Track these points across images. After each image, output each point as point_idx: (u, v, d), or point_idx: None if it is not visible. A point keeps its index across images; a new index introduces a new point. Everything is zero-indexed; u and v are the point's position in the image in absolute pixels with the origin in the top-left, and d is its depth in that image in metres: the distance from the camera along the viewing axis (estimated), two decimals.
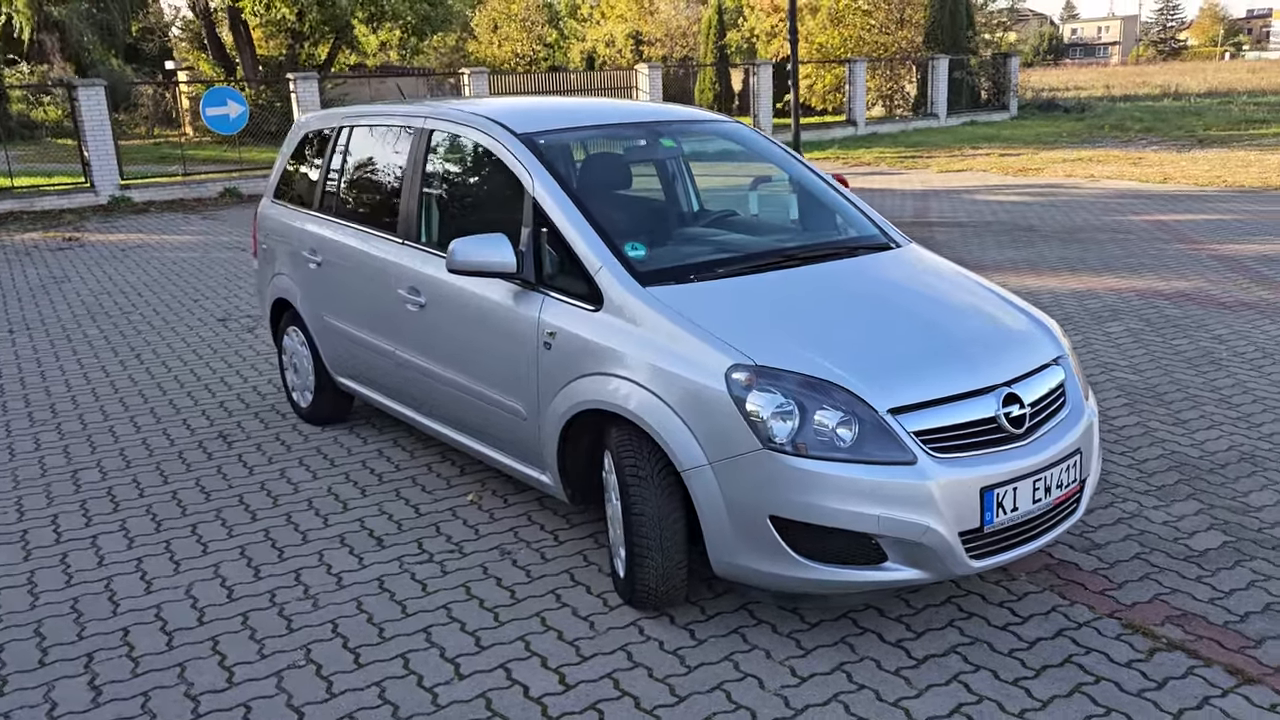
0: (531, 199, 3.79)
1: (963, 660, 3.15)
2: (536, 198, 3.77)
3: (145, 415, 5.75)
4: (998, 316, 3.62)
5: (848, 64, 25.34)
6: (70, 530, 4.27)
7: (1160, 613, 3.38)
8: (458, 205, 4.39)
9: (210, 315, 8.25)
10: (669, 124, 4.60)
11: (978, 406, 3.17)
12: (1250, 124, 24.20)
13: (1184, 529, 3.98)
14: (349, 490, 4.60)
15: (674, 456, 3.16)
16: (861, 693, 3.00)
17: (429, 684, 3.11)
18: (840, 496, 2.96)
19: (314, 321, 5.14)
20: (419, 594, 3.66)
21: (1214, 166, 16.47)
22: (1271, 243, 9.89)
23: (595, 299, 3.52)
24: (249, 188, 17.27)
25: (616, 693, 3.03)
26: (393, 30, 29.07)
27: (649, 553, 3.26)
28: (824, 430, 3.02)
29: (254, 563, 3.94)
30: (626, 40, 36.18)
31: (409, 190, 4.44)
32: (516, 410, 3.83)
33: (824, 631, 3.33)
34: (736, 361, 3.12)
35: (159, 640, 3.40)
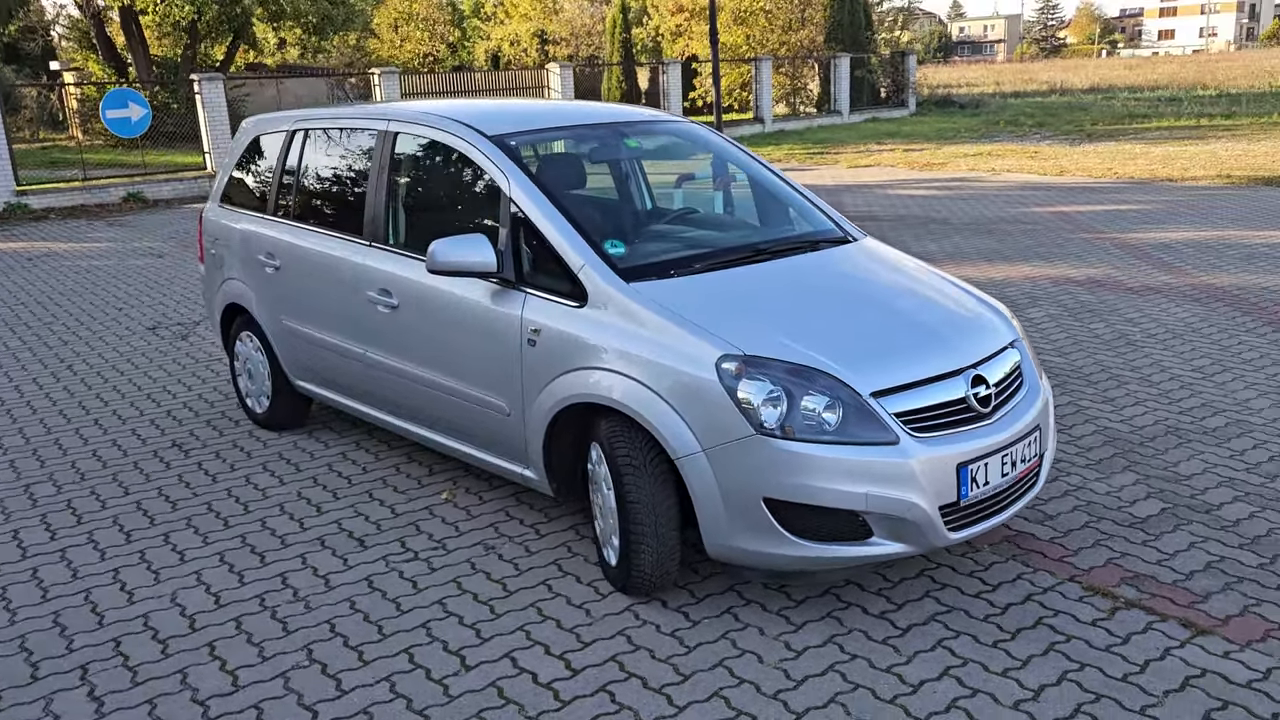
0: (509, 200, 3.87)
1: (944, 627, 3.35)
2: (514, 199, 3.86)
3: (90, 427, 5.63)
4: (958, 303, 3.84)
5: (754, 62, 25.79)
6: (36, 545, 4.19)
7: (1115, 575, 3.64)
8: (428, 207, 4.43)
9: (137, 324, 8.06)
10: (632, 124, 4.71)
11: (949, 388, 3.37)
12: (1133, 118, 25.43)
13: (1125, 498, 4.27)
14: (320, 494, 4.61)
15: (667, 445, 3.28)
16: (855, 662, 3.17)
17: (437, 676, 3.18)
18: (830, 477, 3.13)
19: (271, 326, 5.11)
20: (410, 591, 3.71)
21: (1105, 159, 17.29)
22: (1166, 230, 10.48)
23: (579, 296, 3.62)
24: (154, 192, 16.81)
25: (623, 675, 3.15)
26: (293, 29, 28.48)
27: (644, 540, 3.38)
28: (811, 414, 3.18)
29: (236, 568, 3.93)
30: (532, 39, 36.12)
31: (374, 193, 4.47)
32: (499, 407, 3.90)
33: (811, 607, 3.49)
34: (726, 352, 3.26)
35: (153, 649, 3.38)
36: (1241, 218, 11.07)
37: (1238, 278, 8.25)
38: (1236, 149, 17.86)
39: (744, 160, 4.74)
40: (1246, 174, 14.60)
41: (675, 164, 4.93)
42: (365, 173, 4.59)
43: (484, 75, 29.51)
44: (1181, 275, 8.46)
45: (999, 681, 3.04)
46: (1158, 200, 12.64)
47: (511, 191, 3.88)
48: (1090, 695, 2.96)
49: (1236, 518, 4.05)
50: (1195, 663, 3.10)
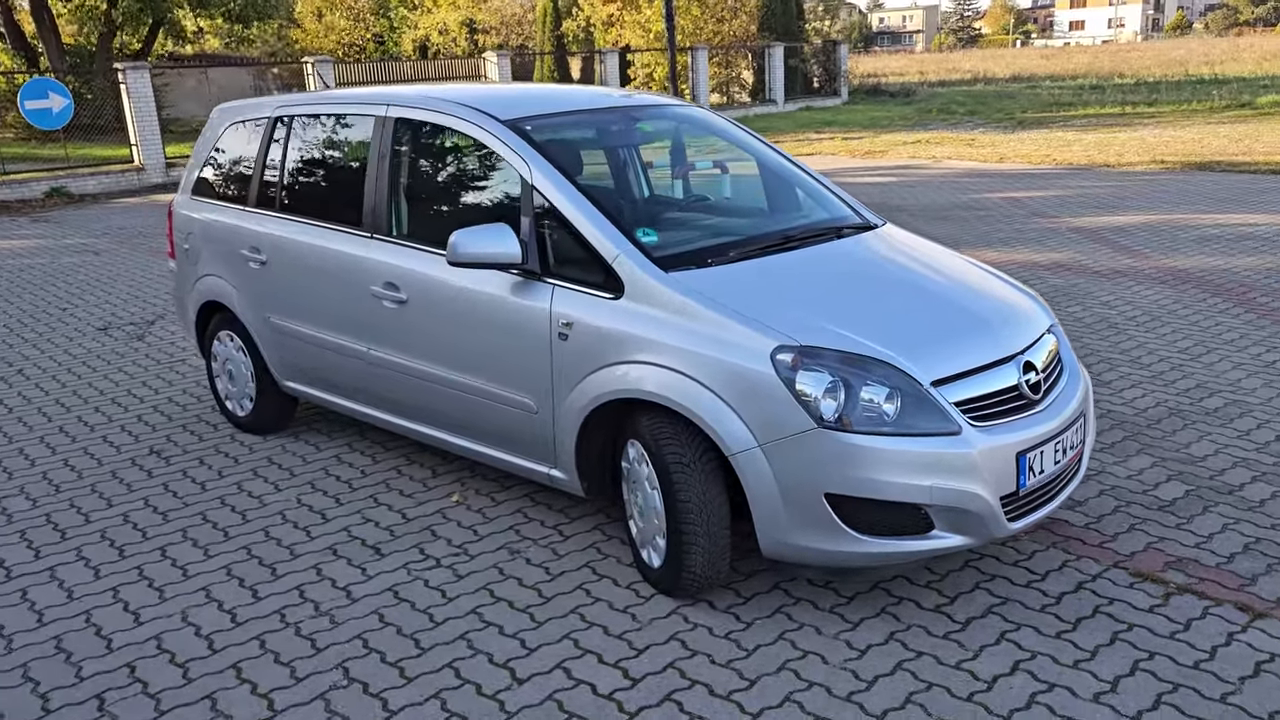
0: (531, 187, 3.69)
1: (1003, 619, 3.28)
2: (538, 186, 3.68)
3: (55, 435, 5.29)
4: (997, 289, 3.78)
5: (690, 51, 25.72)
6: (20, 564, 3.89)
7: (1159, 560, 3.61)
8: (437, 196, 4.21)
9: (86, 324, 7.65)
10: (642, 108, 4.56)
11: (1003, 375, 3.30)
12: (1060, 106, 25.95)
13: (1147, 481, 4.26)
14: (321, 500, 4.38)
15: (721, 441, 3.15)
16: (922, 659, 3.08)
17: (489, 691, 3.00)
18: (895, 469, 3.03)
19: (256, 324, 4.84)
20: (440, 601, 3.52)
21: (1040, 146, 17.58)
22: (1116, 215, 10.65)
23: (613, 287, 3.46)
24: (78, 187, 16.12)
25: (685, 682, 3.01)
26: (215, 17, 27.56)
27: (696, 539, 3.24)
28: (871, 406, 3.08)
29: (247, 583, 3.69)
30: (460, 28, 35.54)
31: (374, 182, 4.24)
32: (524, 405, 3.73)
33: (863, 604, 3.40)
34: (781, 343, 3.13)
35: (173, 674, 3.15)
36: (1184, 201, 11.31)
37: (1197, 260, 8.40)
38: (1164, 135, 18.31)
39: (754, 144, 4.62)
40: (1178, 159, 14.96)
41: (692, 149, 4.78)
42: (362, 161, 4.36)
43: (419, 65, 28.93)
44: (1143, 259, 8.58)
45: (1073, 674, 2.98)
46: (1100, 185, 12.88)
47: (534, 179, 3.70)
48: (1167, 685, 2.91)
49: (1260, 498, 4.06)
50: (1263, 647, 3.07)
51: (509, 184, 3.83)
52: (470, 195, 4.11)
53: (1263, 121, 19.82)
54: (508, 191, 3.85)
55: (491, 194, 3.97)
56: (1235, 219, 10.12)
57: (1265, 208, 10.63)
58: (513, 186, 3.80)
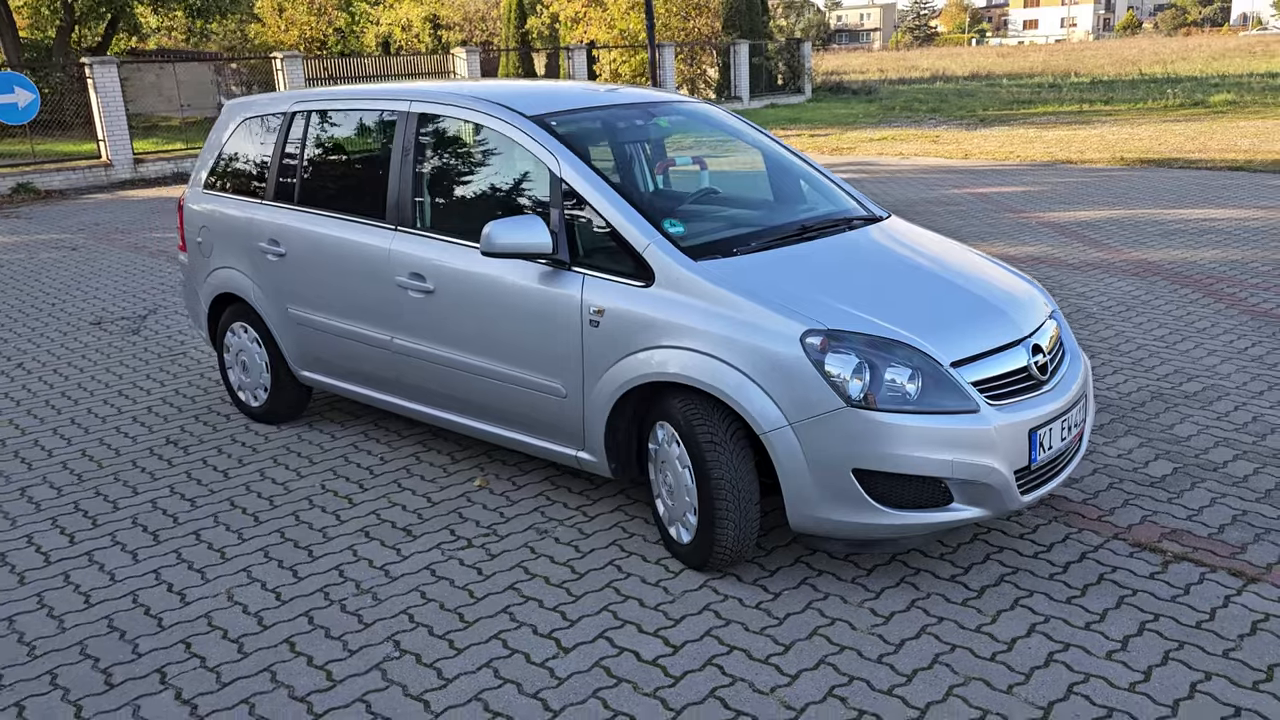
0: (560, 180, 3.84)
1: (1015, 587, 3.48)
2: (566, 179, 3.82)
3: (68, 426, 5.35)
4: (1002, 277, 3.99)
5: (659, 48, 25.84)
6: (57, 549, 3.97)
7: (1155, 532, 3.84)
8: (464, 190, 4.34)
9: (78, 319, 7.66)
10: (657, 105, 4.72)
11: (1013, 357, 3.51)
12: (1020, 104, 26.49)
13: (1137, 460, 4.50)
14: (345, 486, 4.49)
15: (753, 420, 3.32)
16: (944, 624, 3.28)
17: (539, 659, 3.15)
18: (919, 445, 3.22)
19: (273, 315, 4.94)
20: (478, 578, 3.66)
21: (1004, 143, 17.98)
22: (1082, 210, 10.98)
23: (644, 275, 3.62)
24: (45, 183, 15.94)
25: (724, 648, 3.18)
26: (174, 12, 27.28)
27: (728, 515, 3.41)
28: (895, 386, 3.26)
29: (286, 564, 3.81)
30: (424, 24, 35.42)
31: (399, 175, 4.36)
32: (554, 390, 3.87)
33: (883, 575, 3.59)
34: (810, 327, 3.31)
35: (228, 649, 3.26)
36: (1147, 197, 11.67)
37: (1164, 253, 8.71)
38: (1122, 133, 18.79)
39: (764, 140, 4.79)
40: (1137, 156, 15.37)
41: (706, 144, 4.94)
42: (384, 155, 4.47)
43: (386, 60, 28.77)
44: (1113, 252, 8.89)
45: (1085, 635, 3.19)
46: (1063, 181, 13.24)
47: (563, 172, 3.84)
48: (1173, 643, 3.13)
49: (1243, 474, 4.31)
50: (1258, 608, 3.30)
51: (536, 177, 3.97)
52: (497, 188, 4.24)
53: (1216, 120, 20.40)
54: (534, 185, 3.99)
55: (518, 187, 4.11)
56: (1196, 214, 10.49)
57: (1223, 203, 11.02)
58: (540, 180, 3.94)
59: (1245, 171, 13.55)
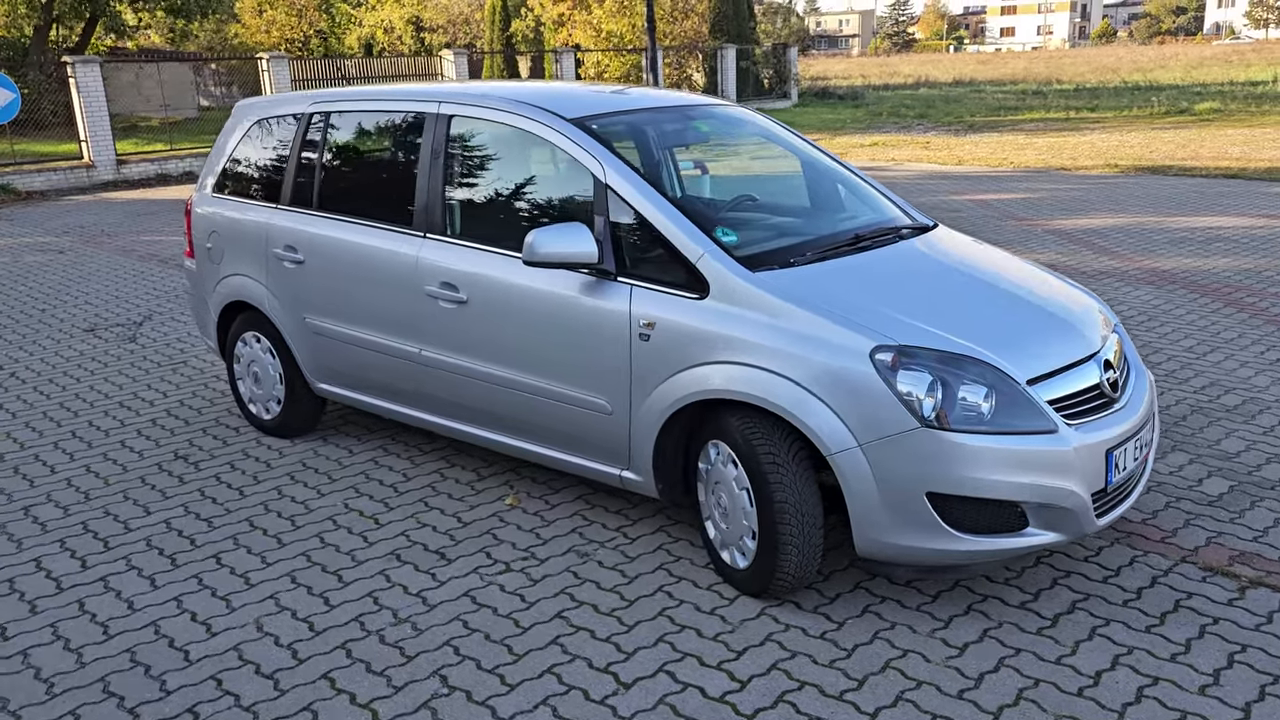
0: (605, 187, 3.65)
1: (1090, 615, 3.32)
2: (612, 185, 3.64)
3: (69, 440, 5.10)
4: (1064, 289, 3.84)
5: (644, 52, 25.71)
6: (69, 574, 3.74)
7: (1223, 554, 3.69)
8: (499, 196, 4.14)
9: (71, 325, 7.40)
10: (693, 108, 4.54)
11: (1086, 374, 3.35)
12: (1006, 111, 26.53)
13: (1190, 478, 4.36)
14: (370, 505, 4.28)
15: (819, 441, 3.15)
16: (1021, 655, 3.11)
17: (598, 697, 2.96)
18: (996, 468, 3.06)
19: (289, 325, 4.72)
20: (522, 606, 3.46)
21: (995, 149, 17.94)
22: (1085, 217, 10.90)
23: (697, 287, 3.44)
24: (25, 184, 15.57)
25: (794, 683, 3.00)
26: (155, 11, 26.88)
27: (791, 540, 3.23)
28: (969, 405, 3.10)
29: (315, 590, 3.60)
30: (406, 26, 35.11)
31: (428, 180, 4.16)
32: (598, 406, 3.69)
33: (950, 602, 3.42)
34: (879, 343, 3.14)
35: (262, 685, 3.05)
36: (1147, 204, 11.61)
37: (1176, 261, 8.62)
38: (1111, 140, 18.80)
39: (803, 145, 4.63)
40: (1130, 163, 15.35)
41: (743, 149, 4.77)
42: (411, 159, 4.27)
43: (373, 62, 28.41)
44: (1124, 260, 8.79)
45: (1173, 668, 3.03)
46: (1061, 188, 13.17)
47: (608, 178, 3.66)
48: (1267, 676, 2.98)
49: None
50: None
51: (578, 183, 3.79)
52: (536, 195, 4.05)
53: (1203, 127, 20.46)
54: (577, 190, 3.80)
55: (559, 193, 3.92)
56: (1200, 221, 10.42)
57: (1224, 210, 10.96)
58: (583, 185, 3.76)
59: (1240, 179, 13.53)
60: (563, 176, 3.91)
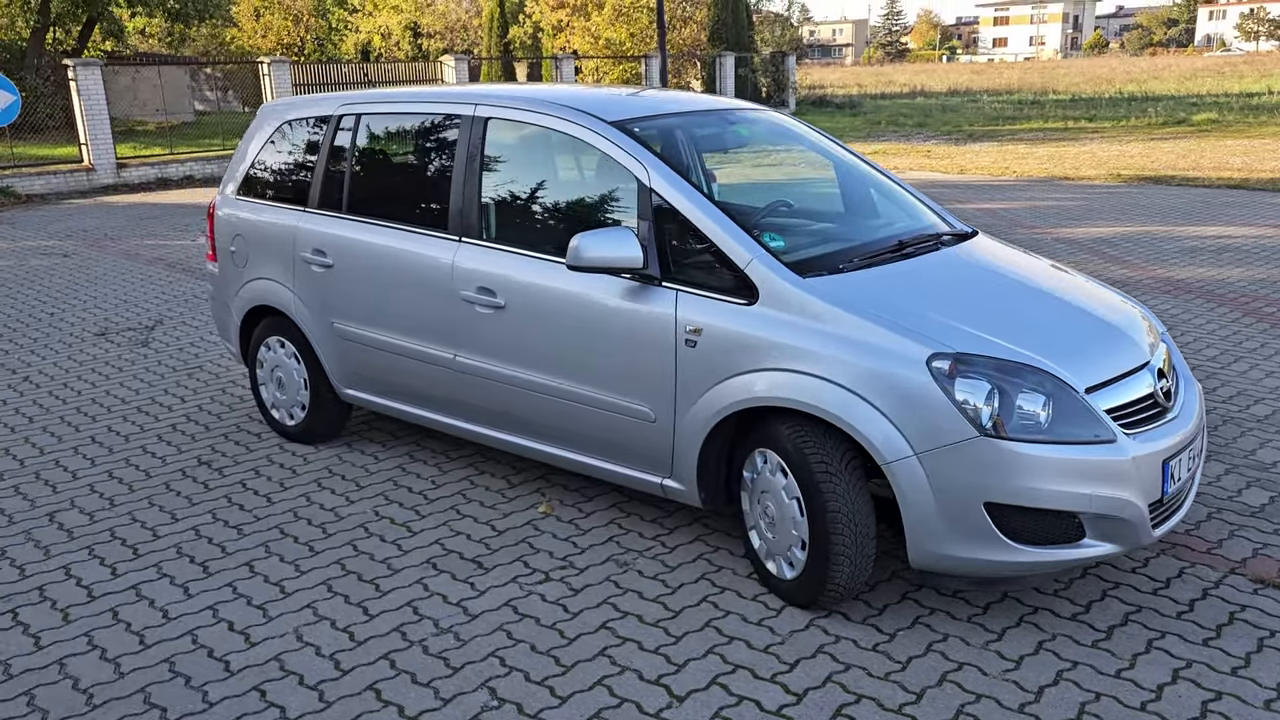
0: (650, 191, 3.61)
1: (1143, 628, 3.28)
2: (657, 190, 3.59)
3: (89, 445, 5.03)
4: (1111, 298, 3.80)
5: (644, 59, 25.74)
6: (99, 583, 3.67)
7: (1272, 566, 3.65)
8: (539, 199, 4.08)
9: (81, 329, 7.31)
10: (730, 112, 4.50)
11: (1140, 383, 3.31)
12: (1004, 120, 26.61)
13: (1229, 488, 4.32)
14: (401, 513, 4.21)
15: (875, 450, 3.10)
16: (1079, 669, 3.06)
17: (652, 710, 2.90)
18: (1057, 478, 3.01)
19: (316, 329, 4.66)
20: (565, 616, 3.40)
21: (997, 159, 17.95)
22: (1093, 226, 10.89)
23: (746, 293, 3.39)
24: (25, 187, 15.46)
25: (851, 696, 2.95)
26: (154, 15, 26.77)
27: (844, 550, 3.18)
28: (1028, 414, 3.06)
29: (353, 599, 3.53)
30: (404, 32, 35.06)
31: (464, 184, 4.11)
32: (641, 413, 3.63)
33: (1000, 613, 3.37)
34: (936, 350, 3.10)
35: (307, 697, 2.98)
36: (1154, 214, 11.61)
37: (1189, 271, 8.61)
38: (1111, 150, 18.84)
39: (841, 151, 4.59)
40: (1132, 173, 15.37)
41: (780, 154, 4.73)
42: (446, 162, 4.22)
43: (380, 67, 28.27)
44: (1138, 269, 8.77)
45: (1235, 682, 2.98)
46: (1066, 197, 13.18)
47: (653, 182, 3.61)
48: None
49: None
50: None
51: (621, 187, 3.74)
52: (576, 199, 4.00)
53: (1202, 138, 20.52)
54: (620, 195, 3.75)
55: (601, 197, 3.87)
56: (1209, 231, 10.42)
57: (1231, 220, 10.97)
58: (626, 190, 3.71)
59: (1244, 189, 13.55)
60: (603, 180, 3.86)
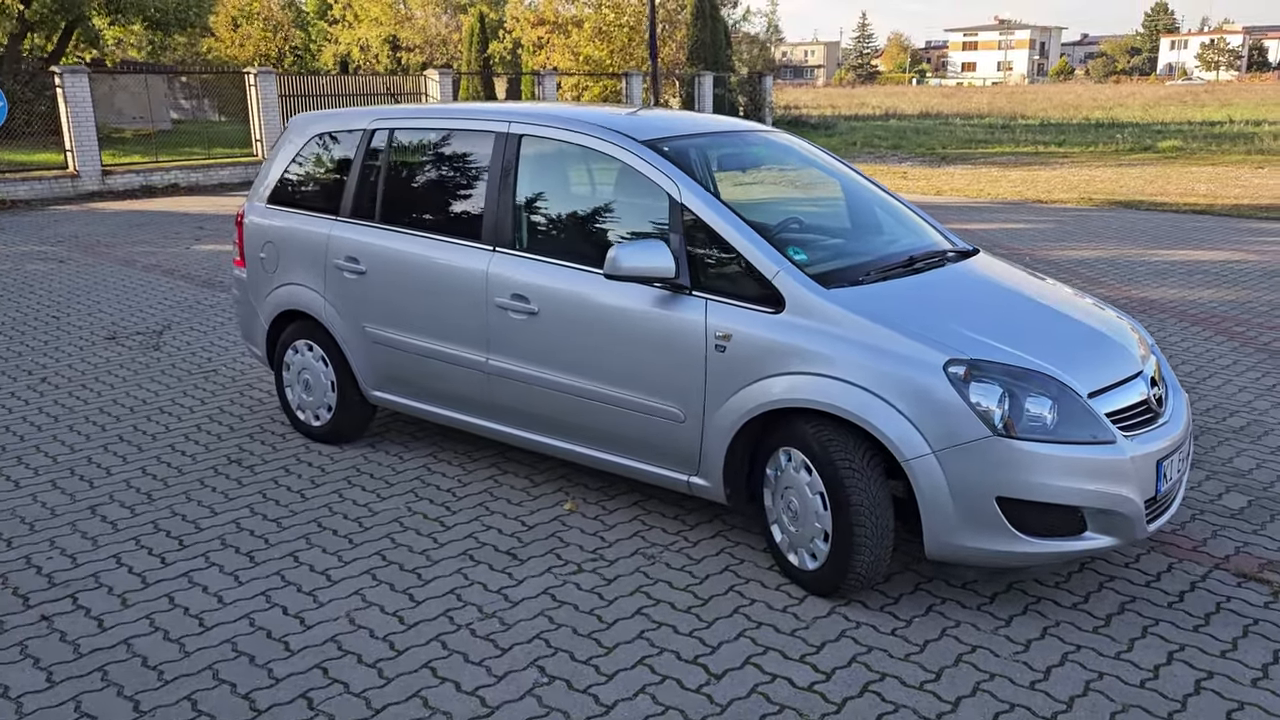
0: (681, 206, 3.85)
1: (1139, 616, 3.54)
2: (688, 205, 3.84)
3: (119, 444, 5.18)
4: (1104, 312, 4.09)
5: (624, 77, 26.07)
6: (150, 570, 3.84)
7: (1253, 562, 3.94)
8: (572, 212, 4.31)
9: (90, 333, 7.44)
10: (748, 133, 4.77)
11: (1134, 390, 3.59)
12: (976, 143, 27.16)
13: (1209, 493, 4.61)
14: (431, 508, 4.41)
15: (894, 448, 3.35)
16: (1082, 651, 3.32)
17: (693, 685, 3.13)
18: (1062, 475, 3.28)
19: (347, 334, 4.85)
20: (601, 603, 3.62)
21: (971, 181, 18.40)
22: (1069, 248, 11.26)
23: (773, 302, 3.64)
24: (9, 192, 15.48)
25: (875, 675, 3.19)
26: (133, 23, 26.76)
27: (865, 541, 3.43)
28: (1034, 415, 3.32)
29: (397, 587, 3.73)
30: (383, 45, 35.23)
31: (497, 196, 4.33)
32: (670, 414, 3.86)
33: (1007, 603, 3.63)
34: (952, 356, 3.36)
35: (368, 674, 3.18)
36: (1125, 237, 12.00)
37: (1162, 292, 8.98)
38: (1082, 174, 19.35)
39: (850, 173, 4.87)
40: (1103, 197, 15.83)
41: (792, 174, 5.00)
42: (480, 176, 4.44)
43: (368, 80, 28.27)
44: (1113, 289, 9.13)
45: (1224, 663, 3.25)
46: (1041, 219, 13.57)
47: (683, 198, 3.86)
48: None
49: None
50: None
51: (653, 202, 3.98)
52: (606, 212, 4.24)
53: (1168, 164, 21.11)
54: (651, 209, 3.99)
55: (629, 211, 4.11)
56: (1179, 254, 10.82)
57: (1200, 245, 11.37)
58: (657, 205, 3.95)
59: (1209, 215, 14.01)
60: (634, 195, 4.09)
